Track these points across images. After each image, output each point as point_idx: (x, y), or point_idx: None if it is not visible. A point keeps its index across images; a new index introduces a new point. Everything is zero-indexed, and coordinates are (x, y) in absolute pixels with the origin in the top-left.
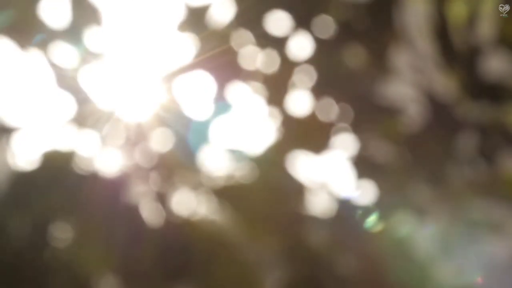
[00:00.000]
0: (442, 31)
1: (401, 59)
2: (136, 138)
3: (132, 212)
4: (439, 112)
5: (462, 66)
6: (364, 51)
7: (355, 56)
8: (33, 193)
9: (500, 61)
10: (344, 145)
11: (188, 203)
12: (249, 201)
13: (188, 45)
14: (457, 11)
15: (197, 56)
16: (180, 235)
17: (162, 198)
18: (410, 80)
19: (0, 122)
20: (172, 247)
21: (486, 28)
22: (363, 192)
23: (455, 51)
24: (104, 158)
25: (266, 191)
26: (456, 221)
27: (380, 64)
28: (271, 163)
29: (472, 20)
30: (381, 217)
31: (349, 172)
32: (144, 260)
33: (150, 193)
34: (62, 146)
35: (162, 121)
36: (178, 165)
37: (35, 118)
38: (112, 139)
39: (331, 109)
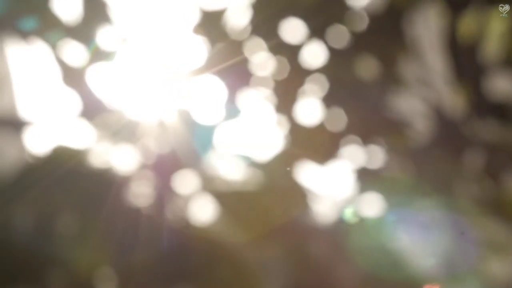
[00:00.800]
0: (453, 47)
1: (411, 72)
2: (143, 138)
3: (135, 212)
4: (447, 128)
5: (471, 83)
6: (375, 63)
7: (366, 68)
8: (38, 187)
9: (509, 80)
10: (351, 156)
11: (191, 207)
12: (253, 207)
13: (201, 49)
14: (468, 28)
15: (209, 60)
16: (182, 238)
17: (165, 200)
18: (420, 94)
19: (10, 116)
20: (174, 250)
21: (495, 47)
22: (367, 204)
23: (465, 68)
24: (110, 157)
25: (271, 198)
26: (460, 238)
27: (390, 76)
28: (277, 171)
29: (482, 38)
30: (384, 230)
31: (354, 183)
32: (145, 261)
33: (154, 194)
34: (69, 143)
35: (170, 123)
36: (183, 167)
37: (44, 114)
38: (120, 138)
39: (340, 120)
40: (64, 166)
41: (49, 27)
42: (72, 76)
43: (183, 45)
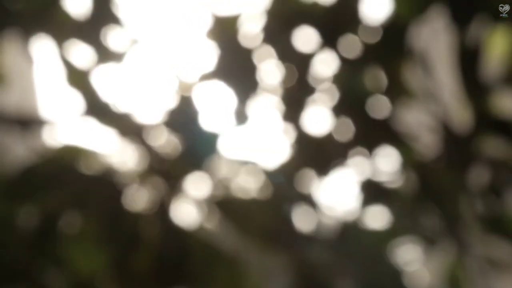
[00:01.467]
0: (461, 62)
1: (419, 85)
2: (147, 141)
3: (134, 215)
4: (453, 143)
5: (478, 98)
6: (383, 75)
7: (374, 79)
8: (38, 187)
9: None
10: (357, 168)
11: (192, 212)
12: (254, 215)
13: (210, 54)
14: (478, 43)
15: (218, 65)
16: (181, 244)
17: (166, 204)
18: (427, 108)
19: (17, 115)
20: (172, 255)
21: (503, 63)
22: (370, 217)
23: (473, 83)
24: (113, 158)
25: (273, 207)
26: (463, 255)
27: (398, 89)
28: (282, 179)
29: (489, 53)
30: (387, 244)
31: (359, 195)
32: (142, 265)
33: (155, 198)
34: (74, 143)
35: (175, 127)
36: (186, 172)
37: (50, 114)
38: (123, 140)
39: (347, 130)
40: (70, 166)
41: (60, 27)
42: (79, 77)
43: (193, 50)
